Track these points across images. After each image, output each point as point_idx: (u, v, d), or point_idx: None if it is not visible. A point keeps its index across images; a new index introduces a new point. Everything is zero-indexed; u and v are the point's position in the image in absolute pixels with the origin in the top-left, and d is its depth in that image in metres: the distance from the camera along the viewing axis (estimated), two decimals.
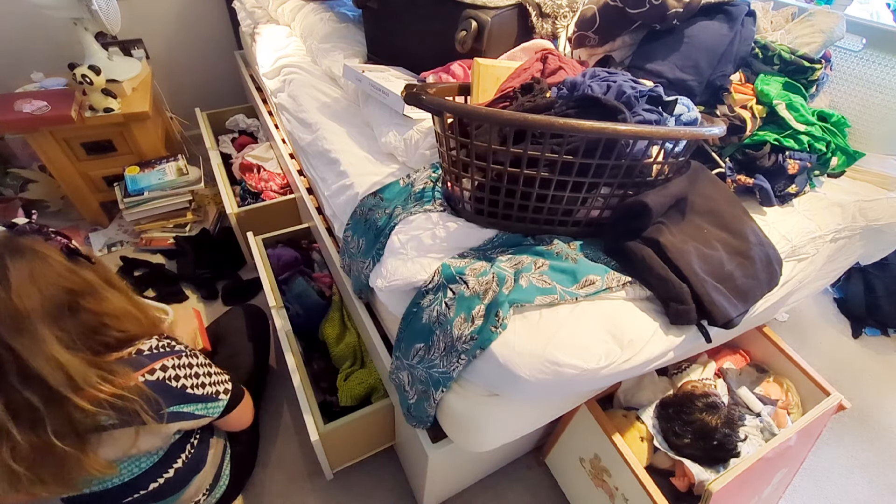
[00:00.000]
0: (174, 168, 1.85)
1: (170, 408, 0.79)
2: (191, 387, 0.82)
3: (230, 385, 0.92)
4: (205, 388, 0.85)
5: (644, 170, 0.79)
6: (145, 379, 0.76)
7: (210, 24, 2.22)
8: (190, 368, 0.83)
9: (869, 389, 1.63)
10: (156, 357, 0.79)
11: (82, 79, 1.58)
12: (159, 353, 0.80)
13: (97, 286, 0.77)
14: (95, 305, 0.75)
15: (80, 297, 0.73)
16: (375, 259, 0.93)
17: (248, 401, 1.03)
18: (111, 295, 0.78)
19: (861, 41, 1.19)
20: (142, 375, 0.76)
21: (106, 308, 0.76)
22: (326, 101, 1.34)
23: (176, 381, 0.80)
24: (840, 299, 1.91)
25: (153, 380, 0.77)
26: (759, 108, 1.04)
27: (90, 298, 0.75)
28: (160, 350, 0.81)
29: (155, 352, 0.80)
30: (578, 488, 1.20)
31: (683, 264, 0.75)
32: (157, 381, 0.77)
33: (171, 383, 0.79)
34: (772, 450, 0.97)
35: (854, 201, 1.08)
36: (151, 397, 0.75)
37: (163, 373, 0.78)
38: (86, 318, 0.73)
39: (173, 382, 0.79)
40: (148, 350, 0.79)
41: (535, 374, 0.67)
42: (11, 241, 0.71)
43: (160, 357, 0.79)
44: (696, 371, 1.15)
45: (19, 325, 0.66)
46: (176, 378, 0.80)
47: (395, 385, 0.89)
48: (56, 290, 0.70)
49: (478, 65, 0.93)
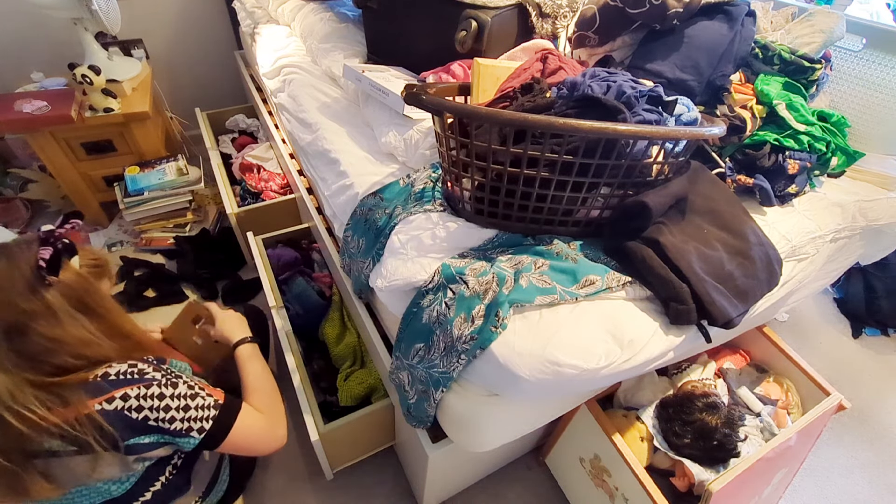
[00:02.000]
0: (174, 168, 1.85)
1: (128, 440, 0.72)
2: (155, 420, 0.74)
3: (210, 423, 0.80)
4: (173, 423, 0.76)
5: (644, 170, 0.79)
6: (101, 407, 0.70)
7: (210, 24, 2.22)
8: (160, 400, 0.75)
9: (869, 389, 1.63)
10: (119, 384, 0.72)
11: (82, 79, 1.58)
12: (124, 380, 0.73)
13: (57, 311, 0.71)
14: (48, 331, 0.69)
15: (32, 320, 0.68)
16: (375, 259, 0.93)
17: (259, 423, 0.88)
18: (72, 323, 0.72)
19: (861, 41, 1.19)
20: (98, 403, 0.70)
21: (59, 335, 0.70)
22: (326, 101, 1.34)
23: (138, 412, 0.72)
24: (840, 299, 1.91)
25: (110, 409, 0.70)
26: (759, 108, 1.04)
27: (44, 323, 0.69)
28: (126, 377, 0.74)
29: (120, 378, 0.73)
30: (578, 488, 1.20)
31: (683, 264, 0.75)
32: (115, 411, 0.71)
33: (131, 414, 0.72)
34: (772, 450, 0.97)
35: (854, 201, 1.08)
36: (105, 427, 0.69)
37: (123, 402, 0.71)
38: (33, 342, 0.69)
39: (133, 413, 0.72)
40: (114, 375, 0.73)
41: (535, 374, 0.67)
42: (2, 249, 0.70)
43: (124, 385, 0.73)
44: (696, 371, 1.15)
45: None
46: (138, 409, 0.73)
47: (395, 385, 0.89)
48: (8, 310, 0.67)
49: (478, 65, 0.93)
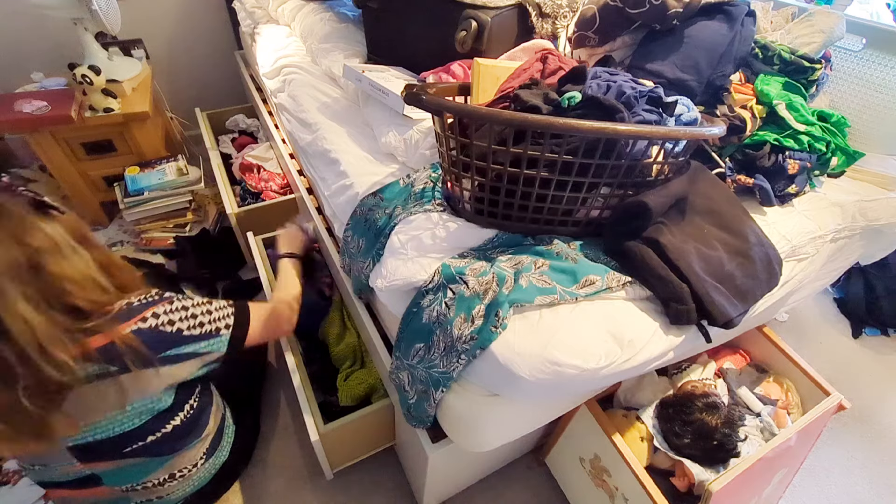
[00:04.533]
0: (174, 168, 1.85)
1: (166, 352, 0.78)
2: (188, 328, 0.81)
3: (232, 319, 0.90)
4: (203, 326, 0.84)
5: (644, 170, 0.79)
6: (137, 327, 0.75)
7: (210, 24, 2.22)
8: (185, 311, 0.82)
9: (869, 389, 1.63)
10: (145, 307, 0.78)
11: (82, 79, 1.58)
12: (147, 302, 0.79)
13: (62, 245, 0.72)
14: (56, 267, 0.71)
15: (42, 257, 0.70)
16: (375, 259, 0.93)
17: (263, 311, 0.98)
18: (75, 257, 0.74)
19: (861, 41, 1.19)
20: (132, 325, 0.75)
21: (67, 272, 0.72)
22: (326, 101, 1.34)
23: (171, 325, 0.79)
24: (840, 299, 1.91)
25: (145, 327, 0.76)
26: (759, 108, 1.04)
27: (51, 259, 0.71)
28: (148, 300, 0.79)
29: (143, 301, 0.79)
30: (578, 488, 1.20)
31: (683, 264, 0.75)
32: (150, 329, 0.76)
33: (166, 328, 0.78)
34: (772, 450, 0.97)
35: (854, 201, 1.08)
36: (140, 346, 0.74)
37: (155, 319, 0.77)
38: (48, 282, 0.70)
39: (168, 327, 0.79)
40: (136, 301, 0.78)
41: (535, 375, 0.67)
42: None
43: (149, 306, 0.78)
44: (696, 371, 1.15)
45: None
46: (171, 322, 0.79)
47: (395, 385, 0.89)
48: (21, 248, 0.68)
49: (478, 65, 0.93)
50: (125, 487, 0.89)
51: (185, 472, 0.95)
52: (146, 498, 0.93)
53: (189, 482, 0.97)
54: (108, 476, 0.86)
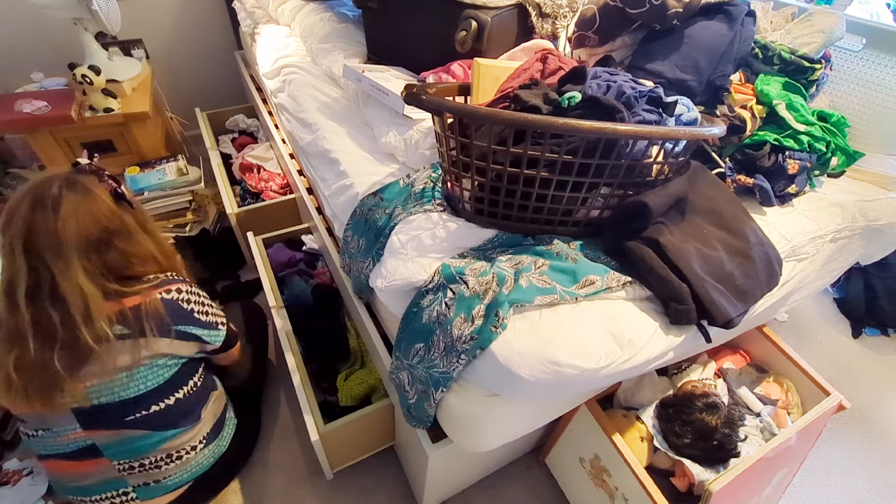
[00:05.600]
0: (174, 168, 1.85)
1: (178, 325, 0.89)
2: (198, 312, 0.94)
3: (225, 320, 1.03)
4: (208, 315, 0.96)
5: (644, 170, 0.79)
6: (162, 297, 0.87)
7: (210, 24, 2.22)
8: (197, 296, 0.95)
9: (869, 389, 1.63)
10: (171, 282, 0.91)
11: (82, 79, 1.58)
12: (174, 279, 0.93)
13: (132, 229, 0.88)
14: (126, 246, 0.86)
15: (114, 236, 0.84)
16: (375, 259, 0.93)
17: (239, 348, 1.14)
18: (143, 239, 0.90)
19: (861, 41, 1.19)
20: (160, 293, 0.87)
21: (134, 250, 0.87)
22: (326, 101, 1.34)
23: (187, 303, 0.91)
24: (840, 299, 1.91)
25: (168, 298, 0.88)
26: (759, 108, 1.04)
27: (123, 239, 0.85)
28: (175, 278, 0.94)
29: (171, 278, 0.93)
30: (578, 488, 1.20)
31: (683, 264, 0.75)
32: (172, 301, 0.89)
33: (183, 305, 0.91)
34: (772, 450, 0.97)
35: (854, 201, 1.08)
36: (164, 312, 0.86)
37: (178, 294, 0.90)
38: (115, 255, 0.84)
39: (185, 304, 0.91)
40: (167, 276, 0.93)
41: (536, 375, 0.67)
42: (70, 177, 0.83)
43: (175, 283, 0.92)
44: (696, 371, 1.15)
45: (59, 250, 0.77)
46: (187, 301, 0.92)
47: (395, 385, 0.89)
48: (95, 226, 0.81)
49: (478, 65, 0.93)
50: (122, 466, 0.91)
51: (184, 454, 0.97)
52: (143, 481, 0.94)
53: (187, 467, 0.99)
54: (107, 448, 0.89)
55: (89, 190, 0.82)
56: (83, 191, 0.81)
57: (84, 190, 0.81)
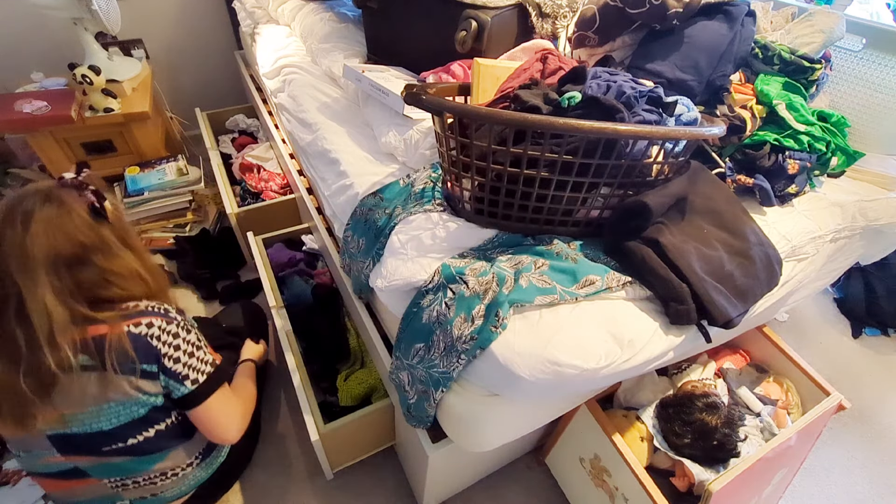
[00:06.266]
0: (174, 168, 1.85)
1: (143, 365, 0.80)
2: (165, 355, 0.82)
3: (203, 377, 0.88)
4: (177, 364, 0.84)
5: (644, 170, 0.79)
6: (129, 330, 0.78)
7: (210, 24, 2.22)
8: (175, 338, 0.84)
9: (869, 389, 1.63)
10: (147, 314, 0.82)
11: (82, 79, 1.58)
12: (152, 311, 0.83)
13: (111, 244, 0.81)
14: (105, 262, 0.79)
15: (91, 253, 0.78)
16: (375, 259, 0.93)
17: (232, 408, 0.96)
18: (124, 255, 0.82)
19: (861, 41, 1.19)
20: (128, 325, 0.79)
21: (114, 267, 0.80)
22: (326, 101, 1.34)
23: (157, 340, 0.81)
24: (840, 299, 1.91)
25: (136, 332, 0.79)
26: (759, 108, 1.04)
27: (100, 255, 0.79)
28: (154, 310, 0.84)
29: (149, 309, 0.83)
30: (578, 488, 1.20)
31: (683, 264, 0.75)
32: (140, 336, 0.79)
33: (152, 342, 0.81)
34: (772, 450, 0.97)
35: (854, 201, 1.08)
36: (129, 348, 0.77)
37: (147, 329, 0.80)
38: (91, 273, 0.78)
39: (154, 342, 0.81)
40: (144, 307, 0.83)
41: (536, 375, 0.67)
42: (48, 191, 0.77)
43: (151, 315, 0.82)
44: (696, 371, 1.15)
45: (25, 265, 0.72)
46: (157, 338, 0.81)
47: (395, 385, 0.89)
48: (68, 242, 0.75)
49: (478, 65, 0.93)
50: (114, 483, 0.89)
51: (179, 471, 0.94)
52: (139, 495, 0.93)
53: (185, 481, 0.96)
54: (93, 470, 0.86)
55: (64, 204, 0.77)
56: (58, 205, 0.76)
57: (59, 204, 0.76)
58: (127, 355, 0.77)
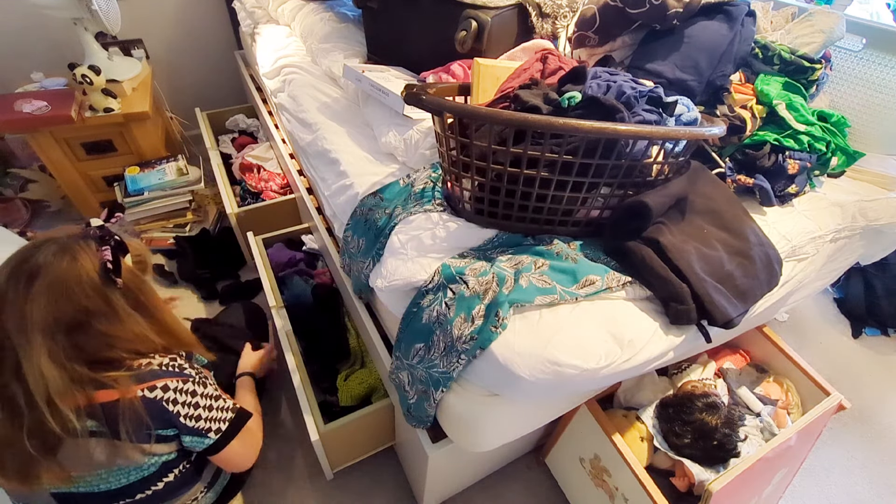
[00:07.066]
0: (174, 168, 1.85)
1: (158, 430, 0.77)
2: (185, 416, 0.80)
3: (225, 425, 0.87)
4: (198, 421, 0.82)
5: (644, 170, 0.79)
6: (143, 394, 0.75)
7: (210, 24, 2.22)
8: (192, 397, 0.82)
9: (869, 389, 1.63)
10: (161, 375, 0.79)
11: (82, 79, 1.58)
12: (166, 371, 0.80)
13: (118, 309, 0.77)
14: (107, 328, 0.75)
15: (93, 318, 0.74)
16: (375, 259, 0.93)
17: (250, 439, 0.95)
18: (131, 322, 0.78)
19: (861, 41, 1.19)
20: (142, 389, 0.75)
21: (117, 332, 0.76)
22: (326, 101, 1.34)
23: (173, 405, 0.79)
24: (840, 299, 1.91)
25: (150, 397, 0.76)
26: (759, 108, 1.04)
27: (103, 321, 0.75)
28: (168, 369, 0.80)
29: (163, 369, 0.80)
30: (578, 488, 1.20)
31: (683, 264, 0.75)
32: (155, 400, 0.76)
33: (168, 406, 0.78)
34: (772, 450, 0.97)
35: (854, 201, 1.08)
36: (143, 413, 0.74)
37: (163, 392, 0.78)
38: (91, 337, 0.74)
39: (170, 406, 0.78)
40: (157, 366, 0.79)
41: (536, 375, 0.67)
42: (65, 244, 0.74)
43: (165, 376, 0.79)
44: (696, 371, 1.15)
45: (22, 327, 0.69)
46: (174, 402, 0.79)
47: (395, 385, 0.89)
48: (70, 306, 0.72)
49: (478, 65, 0.93)
50: None
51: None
52: None
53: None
54: None
55: (76, 260, 0.73)
56: (69, 260, 0.72)
57: (71, 259, 0.73)
58: (142, 422, 0.74)
